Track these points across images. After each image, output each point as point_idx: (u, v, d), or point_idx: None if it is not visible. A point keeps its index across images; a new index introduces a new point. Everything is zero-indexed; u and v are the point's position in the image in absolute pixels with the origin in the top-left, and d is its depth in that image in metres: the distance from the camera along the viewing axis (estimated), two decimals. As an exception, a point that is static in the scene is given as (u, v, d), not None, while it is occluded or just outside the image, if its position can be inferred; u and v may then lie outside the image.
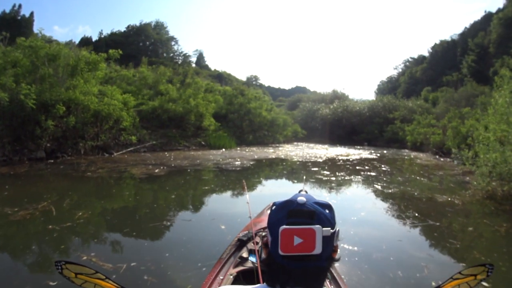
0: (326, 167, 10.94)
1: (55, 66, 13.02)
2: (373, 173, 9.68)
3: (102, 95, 13.65)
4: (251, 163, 11.16)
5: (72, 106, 12.63)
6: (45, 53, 12.62)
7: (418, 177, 9.30)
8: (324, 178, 8.36)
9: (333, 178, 8.39)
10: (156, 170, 8.30)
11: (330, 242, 0.70)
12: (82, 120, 12.70)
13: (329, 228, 0.69)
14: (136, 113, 15.82)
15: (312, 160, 13.08)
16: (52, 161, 10.90)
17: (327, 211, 0.72)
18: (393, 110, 32.01)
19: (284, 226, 0.68)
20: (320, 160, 13.46)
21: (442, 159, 16.40)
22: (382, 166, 12.05)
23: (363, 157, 15.86)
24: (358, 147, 25.61)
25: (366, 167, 11.18)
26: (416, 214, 4.88)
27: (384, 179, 8.54)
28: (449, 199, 6.18)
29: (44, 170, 8.77)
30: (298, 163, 12.26)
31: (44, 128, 11.32)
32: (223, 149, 16.59)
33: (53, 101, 11.87)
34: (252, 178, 8.21)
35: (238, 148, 17.96)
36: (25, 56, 12.33)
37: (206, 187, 6.91)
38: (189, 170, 8.66)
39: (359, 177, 8.86)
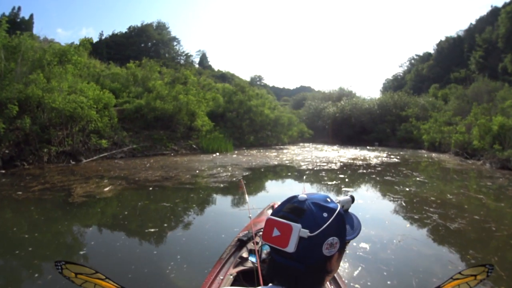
0: (347, 179, 8.59)
1: (23, 60, 11.09)
2: (412, 188, 7.21)
3: (72, 93, 11.56)
4: (245, 173, 8.76)
5: (33, 105, 10.60)
6: (2, 44, 10.62)
7: (469, 192, 6.94)
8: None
9: (361, 201, 5.88)
10: (106, 189, 6.07)
11: (312, 247, 0.66)
12: (45, 122, 10.65)
13: (307, 230, 0.65)
14: (118, 112, 13.74)
15: (324, 167, 10.67)
16: (4, 171, 8.93)
17: (325, 215, 0.68)
18: (404, 107, 29.67)
19: (269, 216, 0.70)
20: (335, 166, 11.06)
21: (470, 161, 14.23)
22: (414, 173, 9.72)
23: (383, 161, 13.50)
24: (370, 147, 23.31)
25: (397, 178, 8.81)
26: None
27: (433, 198, 6.09)
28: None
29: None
30: (307, 172, 9.79)
31: (-6, 132, 9.30)
32: (217, 153, 14.31)
33: (7, 99, 9.88)
34: (241, 201, 5.89)
35: (236, 152, 15.64)
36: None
37: (152, 229, 4.09)
38: (150, 188, 6.31)
39: (397, 197, 6.29)
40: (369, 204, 5.73)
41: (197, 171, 8.71)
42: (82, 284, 1.03)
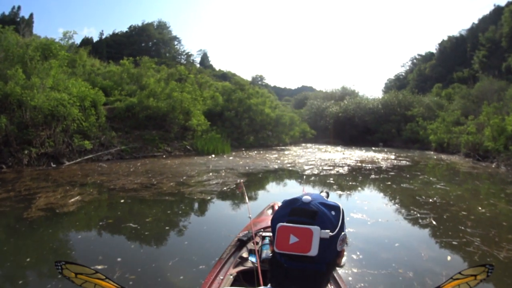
0: (359, 187, 7.58)
1: (8, 56, 10.34)
2: (437, 199, 6.07)
3: (55, 90, 10.72)
4: (240, 180, 7.70)
5: (12, 103, 9.77)
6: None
7: (500, 203, 5.89)
8: (370, 221, 4.66)
9: (382, 220, 4.77)
10: (72, 200, 5.15)
11: (330, 246, 0.67)
12: (27, 121, 9.81)
13: (328, 231, 0.65)
14: (107, 111, 12.87)
15: (331, 172, 9.62)
16: (-25, 176, 8.09)
17: (333, 213, 0.69)
18: (409, 106, 28.71)
19: (281, 223, 0.67)
20: (342, 170, 10.01)
21: (483, 164, 13.30)
22: (431, 179, 8.74)
23: (393, 163, 12.50)
24: (375, 148, 22.34)
25: (415, 185, 7.76)
26: None
27: (464, 213, 5.07)
28: None
29: None
30: (313, 178, 8.72)
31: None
32: (212, 155, 13.35)
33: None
34: (232, 215, 4.98)
35: (233, 153, 14.69)
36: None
37: (99, 265, 2.89)
38: (122, 201, 5.35)
39: (424, 213, 5.03)
40: (395, 225, 4.66)
41: (185, 178, 7.71)
42: (82, 284, 1.00)
